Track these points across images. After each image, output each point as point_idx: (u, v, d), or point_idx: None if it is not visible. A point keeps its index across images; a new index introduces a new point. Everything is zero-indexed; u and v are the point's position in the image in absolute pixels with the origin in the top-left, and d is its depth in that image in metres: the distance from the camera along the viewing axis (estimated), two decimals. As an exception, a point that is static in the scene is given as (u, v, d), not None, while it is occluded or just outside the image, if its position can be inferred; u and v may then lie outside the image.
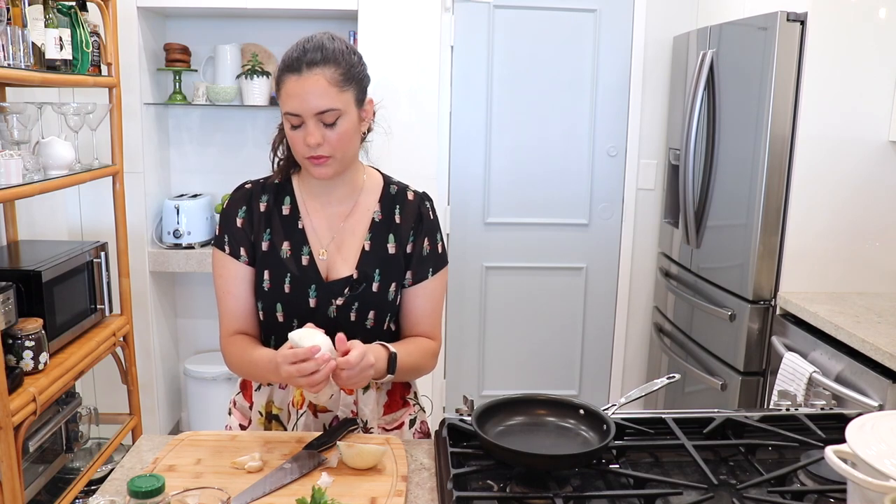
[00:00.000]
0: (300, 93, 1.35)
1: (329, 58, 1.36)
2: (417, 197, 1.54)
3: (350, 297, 1.46)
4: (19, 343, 2.01)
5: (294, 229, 1.48)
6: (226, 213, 1.50)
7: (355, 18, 3.01)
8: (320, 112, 1.35)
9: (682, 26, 3.28)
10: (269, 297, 1.47)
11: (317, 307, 1.45)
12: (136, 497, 0.96)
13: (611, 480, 1.20)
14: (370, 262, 1.47)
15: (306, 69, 1.35)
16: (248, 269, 1.49)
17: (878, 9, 2.38)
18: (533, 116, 3.42)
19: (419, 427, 1.58)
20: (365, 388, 1.49)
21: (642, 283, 3.56)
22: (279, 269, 1.46)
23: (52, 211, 2.95)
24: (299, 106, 1.35)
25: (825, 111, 2.44)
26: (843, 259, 2.53)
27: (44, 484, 2.22)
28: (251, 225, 1.49)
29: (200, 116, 3.35)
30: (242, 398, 1.57)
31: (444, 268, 1.56)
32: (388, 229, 1.50)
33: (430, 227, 1.53)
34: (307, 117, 1.35)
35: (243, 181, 1.54)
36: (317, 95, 1.34)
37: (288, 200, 1.50)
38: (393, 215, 1.51)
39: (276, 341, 1.49)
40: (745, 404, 2.61)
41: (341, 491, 1.17)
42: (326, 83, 1.35)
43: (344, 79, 1.37)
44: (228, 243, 1.49)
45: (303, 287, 1.45)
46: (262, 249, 1.47)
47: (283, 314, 1.47)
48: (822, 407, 1.44)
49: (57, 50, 2.14)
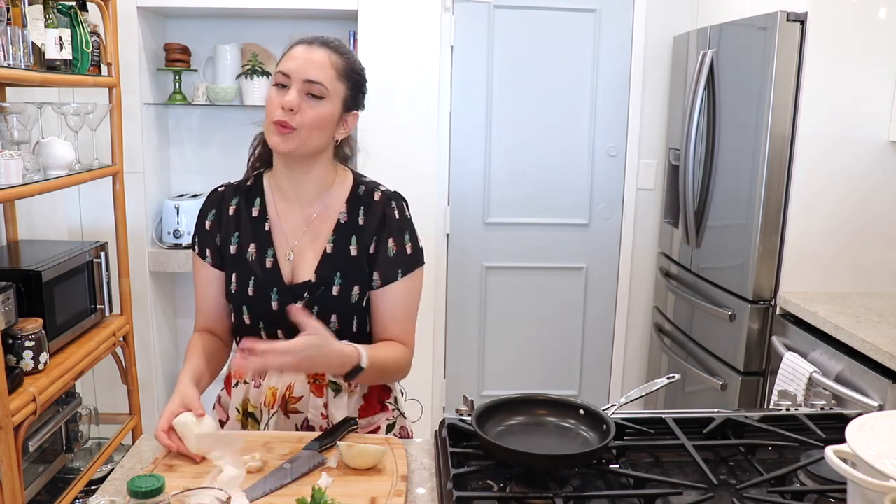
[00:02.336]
0: (301, 57, 1.40)
1: (341, 50, 1.44)
2: (384, 197, 1.50)
3: (310, 301, 1.44)
4: (19, 343, 2.01)
5: (261, 231, 1.48)
6: (199, 215, 1.54)
7: (355, 18, 3.01)
8: (309, 81, 1.38)
9: (682, 26, 3.28)
10: (236, 299, 1.48)
11: (279, 310, 1.45)
12: (136, 497, 0.96)
13: (611, 480, 1.20)
14: (331, 265, 1.46)
15: (318, 45, 1.42)
16: (213, 270, 1.51)
17: (878, 9, 2.38)
18: (533, 116, 3.41)
19: (398, 432, 1.55)
20: (336, 391, 1.47)
21: (642, 283, 3.56)
22: (245, 272, 1.47)
23: (52, 211, 2.95)
24: (295, 67, 1.39)
25: (825, 111, 2.44)
26: (843, 259, 2.53)
27: (44, 484, 2.22)
28: (219, 227, 1.50)
29: (200, 116, 3.35)
30: (225, 394, 1.58)
31: (417, 269, 1.50)
32: (352, 231, 1.47)
33: (397, 227, 1.48)
34: (295, 80, 1.39)
35: (219, 184, 1.56)
36: (315, 66, 1.39)
37: (258, 202, 1.51)
38: (357, 217, 1.48)
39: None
40: (745, 404, 2.61)
41: (341, 491, 1.17)
42: (329, 63, 1.40)
43: (345, 71, 1.43)
44: (198, 244, 1.53)
45: (266, 290, 1.45)
46: (230, 252, 1.48)
47: (248, 316, 1.47)
48: (822, 407, 1.44)
49: (57, 50, 2.14)
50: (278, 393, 1.47)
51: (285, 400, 1.47)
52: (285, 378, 1.47)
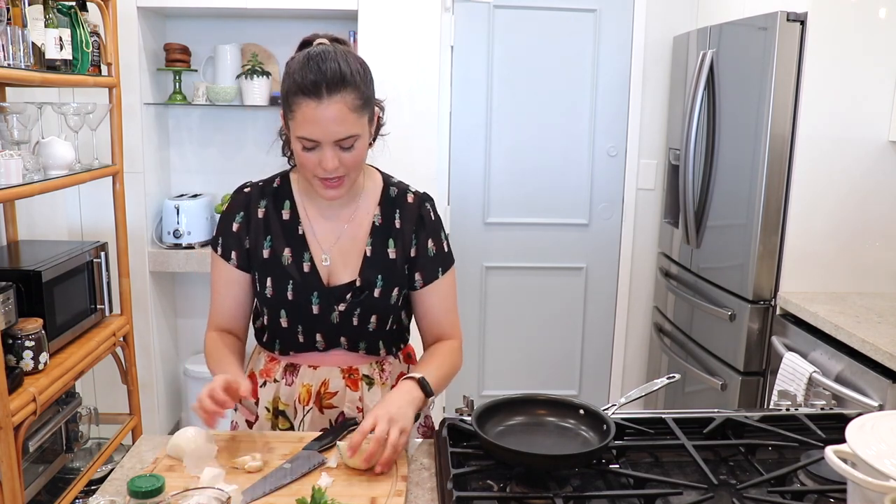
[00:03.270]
0: (320, 120, 1.30)
1: (349, 82, 1.30)
2: (418, 199, 1.52)
3: (352, 303, 1.46)
4: (19, 343, 2.01)
5: (294, 235, 1.47)
6: (224, 215, 1.51)
7: (355, 18, 3.01)
8: (339, 140, 1.32)
9: (682, 26, 3.28)
10: (272, 303, 1.47)
11: (320, 313, 1.46)
12: (136, 497, 0.96)
13: (611, 480, 1.20)
14: (373, 267, 1.47)
15: (327, 96, 1.29)
16: (237, 272, 1.49)
17: (878, 9, 2.38)
18: (533, 116, 3.42)
19: (423, 421, 1.59)
20: (370, 384, 1.50)
21: (642, 283, 3.56)
22: (282, 277, 1.46)
23: (52, 211, 2.94)
24: (319, 133, 1.31)
25: (825, 111, 2.44)
26: (843, 259, 2.53)
27: (44, 484, 2.22)
28: (248, 231, 1.48)
29: (200, 116, 3.35)
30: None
31: (452, 266, 1.55)
32: (389, 234, 1.49)
33: (433, 227, 1.52)
34: (325, 144, 1.32)
35: (243, 183, 1.54)
36: (338, 123, 1.30)
37: (287, 205, 1.49)
38: (393, 219, 1.50)
39: (280, 345, 1.50)
40: (745, 404, 2.61)
41: (341, 491, 1.17)
42: (347, 110, 1.30)
43: (363, 103, 1.33)
44: (221, 245, 1.50)
45: (306, 294, 1.45)
46: (262, 257, 1.47)
47: (286, 320, 1.47)
48: (822, 407, 1.44)
49: (57, 50, 2.14)
50: (313, 390, 1.48)
51: (320, 396, 1.48)
52: (319, 374, 1.48)
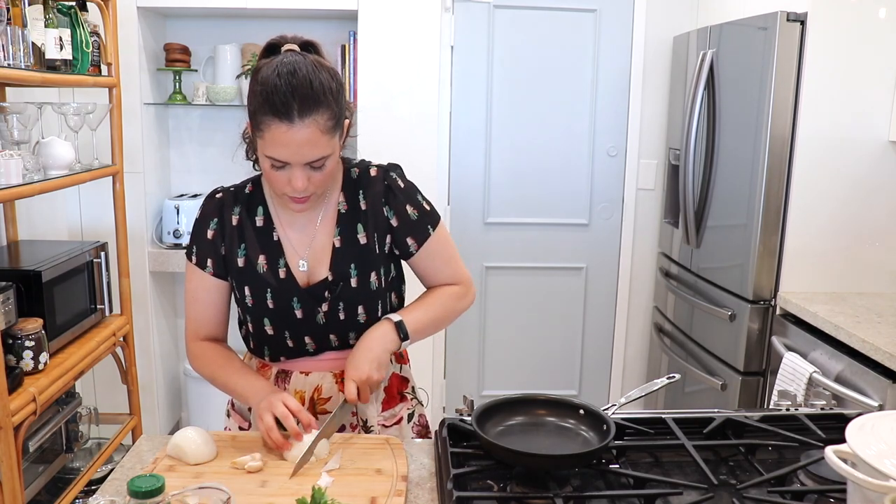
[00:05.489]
0: (290, 144, 1.25)
1: (321, 101, 1.26)
2: (381, 171, 1.47)
3: (333, 300, 1.43)
4: (19, 343, 2.01)
5: (269, 241, 1.44)
6: (198, 223, 1.47)
7: (355, 18, 3.01)
8: (309, 162, 1.29)
9: (682, 26, 3.28)
10: (254, 312, 1.45)
11: (304, 317, 1.43)
12: (136, 497, 0.96)
13: (611, 480, 1.20)
14: (344, 258, 1.43)
15: (298, 119, 1.24)
16: (213, 280, 1.46)
17: (878, 9, 2.38)
18: (533, 116, 3.41)
19: (417, 420, 1.58)
20: None
21: (642, 283, 3.56)
22: (259, 284, 1.43)
23: (52, 211, 2.95)
24: (288, 156, 1.27)
25: (825, 111, 2.44)
26: (843, 259, 2.53)
27: (44, 484, 2.22)
28: (223, 237, 1.45)
29: (200, 116, 3.35)
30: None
31: (440, 221, 1.49)
32: (356, 218, 1.44)
33: (407, 193, 1.46)
34: (294, 165, 1.29)
35: (214, 189, 1.50)
36: (310, 146, 1.26)
37: (261, 211, 1.46)
38: (357, 202, 1.45)
39: (269, 351, 1.49)
40: (745, 404, 2.61)
41: (341, 491, 1.17)
42: (320, 133, 1.26)
43: (335, 123, 1.29)
44: (196, 253, 1.47)
45: (286, 300, 1.43)
46: (237, 265, 1.44)
47: (272, 328, 1.45)
48: (822, 407, 1.44)
49: (57, 50, 2.14)
50: (306, 395, 1.47)
51: (314, 401, 1.47)
52: (312, 380, 1.47)
